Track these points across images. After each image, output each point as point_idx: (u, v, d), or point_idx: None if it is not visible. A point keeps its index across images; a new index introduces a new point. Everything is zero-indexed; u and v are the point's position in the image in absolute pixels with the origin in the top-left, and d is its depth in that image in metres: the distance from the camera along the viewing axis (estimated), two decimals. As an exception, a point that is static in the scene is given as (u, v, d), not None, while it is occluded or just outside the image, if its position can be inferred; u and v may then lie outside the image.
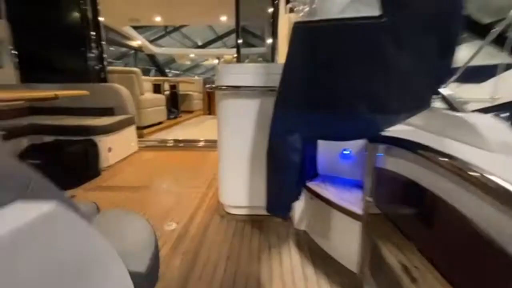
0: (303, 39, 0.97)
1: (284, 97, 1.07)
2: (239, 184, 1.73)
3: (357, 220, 1.16)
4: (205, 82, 8.04)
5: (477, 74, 3.89)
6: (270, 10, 3.76)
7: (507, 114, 3.16)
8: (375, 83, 0.91)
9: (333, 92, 0.95)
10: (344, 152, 1.50)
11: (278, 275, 1.25)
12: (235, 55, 4.11)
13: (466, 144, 0.77)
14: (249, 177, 1.72)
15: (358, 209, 1.17)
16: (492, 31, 1.52)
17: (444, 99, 1.00)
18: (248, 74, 1.58)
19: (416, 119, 1.02)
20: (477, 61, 1.56)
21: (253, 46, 5.64)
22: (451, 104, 0.99)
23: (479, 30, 4.67)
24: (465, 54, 1.30)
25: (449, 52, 0.89)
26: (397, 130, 0.98)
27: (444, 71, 0.95)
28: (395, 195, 0.98)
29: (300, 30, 0.97)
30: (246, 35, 5.08)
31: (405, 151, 0.87)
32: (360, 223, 1.15)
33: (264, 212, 1.37)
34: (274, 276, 1.24)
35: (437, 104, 1.02)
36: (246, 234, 1.59)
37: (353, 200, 1.25)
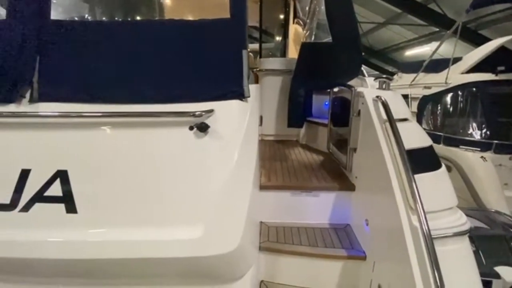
0: (305, 50, 2.47)
1: (297, 73, 2.59)
2: (270, 122, 3.27)
3: (325, 127, 2.70)
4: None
5: (437, 65, 5.40)
6: (281, 16, 5.17)
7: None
8: (333, 68, 2.40)
9: (317, 71, 2.46)
10: (326, 103, 3.02)
11: (292, 153, 2.80)
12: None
13: None
14: (275, 119, 3.25)
15: (326, 121, 2.70)
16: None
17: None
18: (276, 63, 3.12)
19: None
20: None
21: (263, 42, 7.16)
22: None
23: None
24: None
25: (359, 54, 2.36)
26: None
27: (359, 63, 2.43)
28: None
29: (305, 46, 2.49)
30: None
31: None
32: (327, 130, 2.67)
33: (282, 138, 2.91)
34: (290, 154, 2.80)
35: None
36: (275, 145, 3.14)
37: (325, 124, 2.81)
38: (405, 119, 1.70)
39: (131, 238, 1.23)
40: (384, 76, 1.95)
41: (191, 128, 1.28)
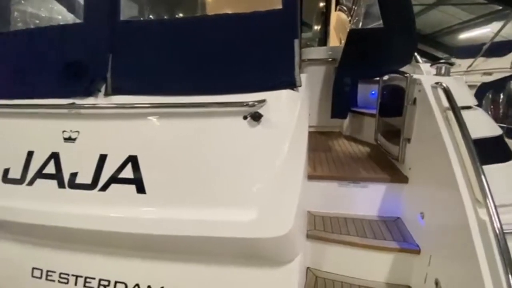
0: (353, 37, 2.38)
1: (343, 62, 2.52)
2: (312, 113, 3.23)
3: (374, 117, 2.59)
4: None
5: (500, 48, 4.81)
6: (321, 4, 5.01)
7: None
8: (384, 55, 2.29)
9: (366, 59, 2.36)
10: (373, 92, 2.90)
11: (336, 144, 2.75)
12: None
13: None
14: (317, 110, 3.21)
15: (373, 111, 2.59)
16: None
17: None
18: (318, 52, 3.06)
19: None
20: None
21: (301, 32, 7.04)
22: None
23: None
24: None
25: (413, 38, 2.21)
26: None
27: (412, 48, 2.28)
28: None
29: (352, 32, 2.40)
30: (297, 23, 6.42)
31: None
32: (375, 120, 2.56)
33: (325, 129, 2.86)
34: (334, 145, 2.75)
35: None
36: (318, 136, 3.11)
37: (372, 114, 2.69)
38: (469, 107, 1.57)
39: (192, 217, 1.34)
40: (443, 61, 1.82)
41: (245, 117, 1.34)
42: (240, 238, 1.30)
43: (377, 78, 2.57)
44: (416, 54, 2.31)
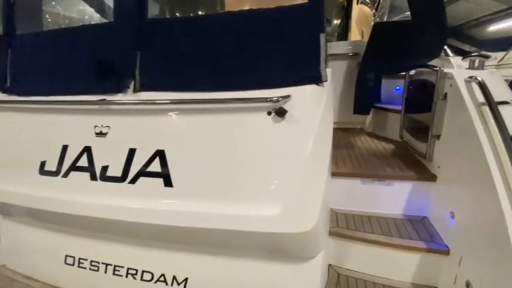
0: (378, 30, 2.31)
1: (367, 56, 2.45)
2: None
3: (398, 113, 2.51)
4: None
5: None
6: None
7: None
8: (412, 48, 2.20)
9: (392, 53, 2.28)
10: (397, 87, 2.80)
11: (359, 141, 2.70)
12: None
13: None
14: (338, 106, 3.15)
15: (398, 107, 2.51)
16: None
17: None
18: (339, 46, 2.99)
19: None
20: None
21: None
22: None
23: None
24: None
25: (442, 31, 2.11)
26: None
27: (442, 41, 2.18)
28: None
29: (378, 26, 2.32)
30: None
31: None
32: (400, 116, 2.48)
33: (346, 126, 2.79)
34: (356, 141, 2.69)
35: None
36: (339, 132, 3.05)
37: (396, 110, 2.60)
38: (505, 102, 1.48)
39: (217, 211, 1.36)
40: (476, 53, 1.72)
41: (269, 113, 1.34)
42: (264, 232, 1.31)
43: (403, 73, 2.48)
44: (445, 47, 2.20)
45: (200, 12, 4.79)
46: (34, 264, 2.00)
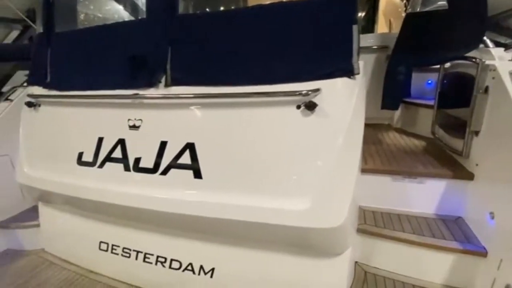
0: (410, 21, 2.19)
1: (398, 48, 2.34)
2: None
3: (430, 109, 2.39)
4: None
5: None
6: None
7: None
8: (448, 40, 2.07)
9: (426, 45, 2.15)
10: (429, 81, 2.67)
11: (387, 137, 2.60)
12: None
13: None
14: (369, 100, 3.05)
15: (429, 102, 2.38)
16: None
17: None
18: (367, 39, 2.89)
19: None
20: None
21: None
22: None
23: None
24: None
25: (482, 20, 1.97)
26: None
27: (481, 31, 2.03)
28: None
29: (410, 16, 2.20)
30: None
31: None
32: (433, 111, 2.36)
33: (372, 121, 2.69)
34: (384, 138, 2.60)
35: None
36: (365, 128, 2.97)
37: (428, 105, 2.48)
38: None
39: (246, 203, 1.38)
40: (522, 44, 1.60)
41: (298, 106, 1.32)
42: (293, 226, 1.31)
43: (436, 66, 2.35)
44: (485, 38, 2.06)
45: (222, 8, 4.82)
46: (70, 249, 2.14)
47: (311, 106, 1.29)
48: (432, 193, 1.83)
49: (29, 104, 1.99)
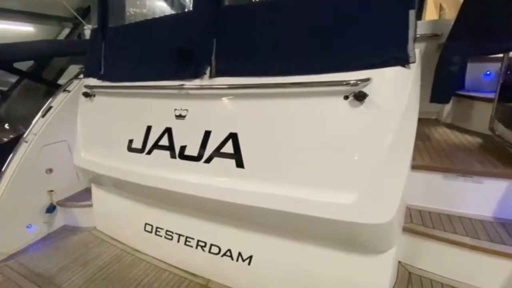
0: (471, 5, 1.97)
1: (455, 36, 2.13)
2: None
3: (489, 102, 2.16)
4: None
5: None
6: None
7: None
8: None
9: (490, 31, 1.93)
10: (487, 72, 2.41)
11: (435, 133, 2.42)
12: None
13: None
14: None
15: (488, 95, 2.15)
16: None
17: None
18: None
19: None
20: None
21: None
22: None
23: None
24: None
25: None
26: None
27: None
28: None
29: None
30: None
31: None
32: (492, 105, 2.13)
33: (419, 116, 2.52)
34: (433, 133, 2.42)
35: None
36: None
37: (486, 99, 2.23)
38: None
39: (288, 194, 1.37)
40: None
41: (345, 97, 1.27)
42: (337, 220, 1.28)
43: (497, 55, 2.11)
44: None
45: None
46: (119, 228, 2.32)
47: (360, 97, 1.24)
48: (491, 194, 1.67)
49: (86, 95, 2.17)
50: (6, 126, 2.92)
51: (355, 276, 1.46)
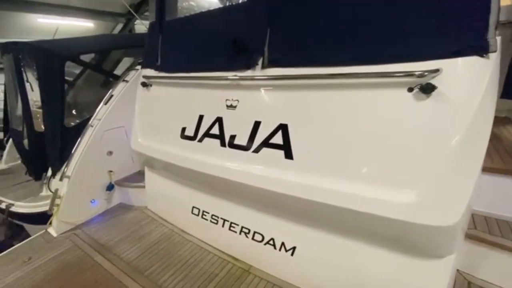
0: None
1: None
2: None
3: None
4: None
5: None
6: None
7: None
8: None
9: None
10: None
11: (506, 132, 2.15)
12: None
13: None
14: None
15: None
16: None
17: None
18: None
19: None
20: None
21: None
22: None
23: None
24: None
25: None
26: None
27: None
28: None
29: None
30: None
31: None
32: None
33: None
34: (502, 133, 2.16)
35: None
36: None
37: None
38: None
39: (340, 188, 1.33)
40: None
41: (410, 89, 1.18)
42: (396, 219, 1.21)
43: None
44: None
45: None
46: (168, 209, 2.49)
47: (428, 89, 1.14)
48: None
49: (143, 84, 2.33)
50: (74, 111, 3.28)
51: (408, 280, 1.39)
